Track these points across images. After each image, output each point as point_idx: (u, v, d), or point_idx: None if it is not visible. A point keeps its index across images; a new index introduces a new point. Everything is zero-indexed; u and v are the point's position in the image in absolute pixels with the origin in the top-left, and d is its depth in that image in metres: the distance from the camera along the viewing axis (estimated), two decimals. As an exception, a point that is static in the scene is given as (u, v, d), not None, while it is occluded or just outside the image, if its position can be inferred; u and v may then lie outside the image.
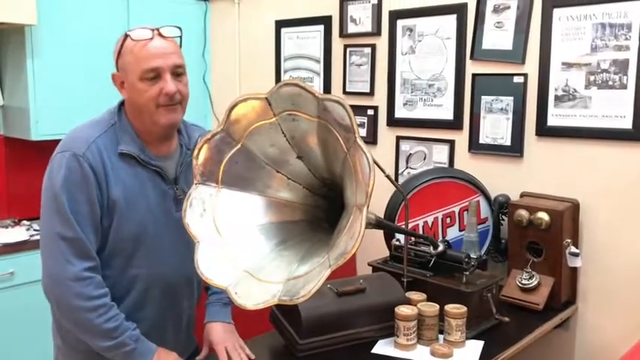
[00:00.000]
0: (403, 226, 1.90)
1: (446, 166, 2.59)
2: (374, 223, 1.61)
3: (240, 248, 1.43)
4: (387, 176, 1.67)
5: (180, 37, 1.54)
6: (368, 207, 1.24)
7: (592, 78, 2.18)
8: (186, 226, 1.43)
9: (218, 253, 1.41)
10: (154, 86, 1.47)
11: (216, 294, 1.75)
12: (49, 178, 1.47)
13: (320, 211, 1.58)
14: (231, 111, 1.43)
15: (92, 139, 1.48)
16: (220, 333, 1.67)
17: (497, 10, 2.39)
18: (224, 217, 1.46)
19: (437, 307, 1.79)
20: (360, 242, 1.21)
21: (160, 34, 1.49)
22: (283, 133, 1.44)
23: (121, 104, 1.58)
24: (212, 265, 1.40)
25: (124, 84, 1.51)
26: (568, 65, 2.23)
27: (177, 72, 1.51)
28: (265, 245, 1.47)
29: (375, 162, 1.29)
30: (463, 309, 1.78)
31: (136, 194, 1.51)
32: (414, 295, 1.88)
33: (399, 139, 2.75)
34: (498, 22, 2.40)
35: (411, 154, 2.72)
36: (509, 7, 2.36)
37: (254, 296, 1.33)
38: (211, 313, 1.72)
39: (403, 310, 1.75)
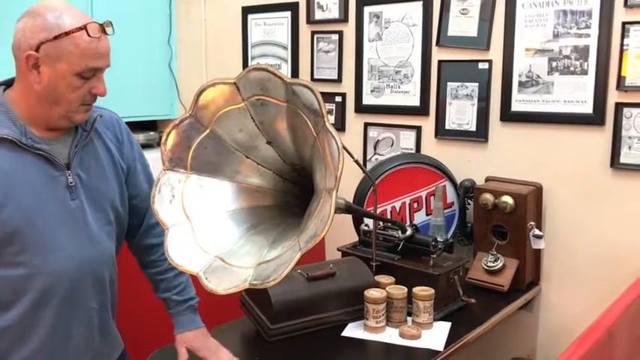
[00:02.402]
0: (372, 211, 1.92)
1: (413, 152, 2.62)
2: (343, 208, 1.63)
3: (210, 234, 1.43)
4: (356, 161, 1.68)
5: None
6: (337, 190, 1.25)
7: (554, 64, 2.23)
8: (155, 212, 1.42)
9: (188, 239, 1.40)
10: (86, 84, 1.37)
11: (180, 304, 1.64)
12: None
13: (290, 197, 1.59)
14: (199, 96, 1.42)
15: None
16: (202, 339, 1.62)
17: (462, -3, 2.42)
18: (194, 203, 1.45)
19: (405, 289, 1.82)
20: (330, 225, 1.22)
21: (105, 32, 1.39)
22: (252, 118, 1.44)
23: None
24: (182, 251, 1.39)
25: (40, 67, 1.34)
26: (531, 51, 2.27)
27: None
28: (235, 230, 1.47)
29: (345, 148, 1.30)
30: (431, 291, 1.81)
31: (18, 181, 1.34)
32: (382, 279, 1.91)
33: (366, 125, 2.77)
34: (463, 9, 2.43)
35: (378, 140, 2.74)
36: (474, -6, 2.39)
37: (225, 281, 1.33)
38: (185, 322, 1.63)
39: (372, 293, 1.78)
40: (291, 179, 1.59)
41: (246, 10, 3.16)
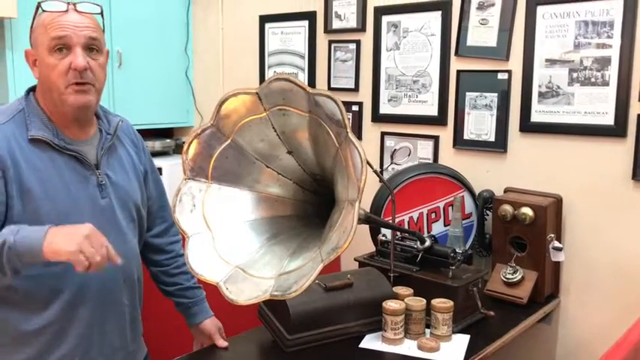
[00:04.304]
0: (390, 222, 1.91)
1: (430, 161, 2.60)
2: (363, 219, 1.62)
3: (230, 243, 1.43)
4: (375, 172, 1.67)
5: (102, 14, 1.46)
6: (360, 202, 1.24)
7: (575, 75, 2.21)
8: (176, 221, 1.42)
9: (208, 249, 1.41)
10: (64, 60, 1.37)
11: (188, 296, 1.75)
12: None
13: (310, 207, 1.59)
14: (221, 106, 1.42)
15: None
16: (216, 324, 1.78)
17: (481, 6, 2.41)
18: (214, 213, 1.45)
19: (424, 301, 1.80)
20: (353, 237, 1.21)
21: (76, 10, 1.40)
22: (274, 128, 1.44)
23: (30, 90, 1.49)
24: (202, 260, 1.39)
25: (36, 61, 1.42)
26: (551, 62, 2.25)
27: (92, 46, 1.40)
28: (256, 240, 1.47)
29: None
30: (450, 303, 1.79)
31: (53, 181, 1.39)
32: (401, 290, 1.89)
33: (383, 135, 2.76)
34: (483, 19, 2.42)
35: (395, 149, 2.73)
36: (493, 4, 2.38)
37: (245, 291, 1.33)
38: (200, 312, 1.76)
39: (391, 304, 1.76)
40: (311, 189, 1.59)
41: (264, 19, 3.17)
